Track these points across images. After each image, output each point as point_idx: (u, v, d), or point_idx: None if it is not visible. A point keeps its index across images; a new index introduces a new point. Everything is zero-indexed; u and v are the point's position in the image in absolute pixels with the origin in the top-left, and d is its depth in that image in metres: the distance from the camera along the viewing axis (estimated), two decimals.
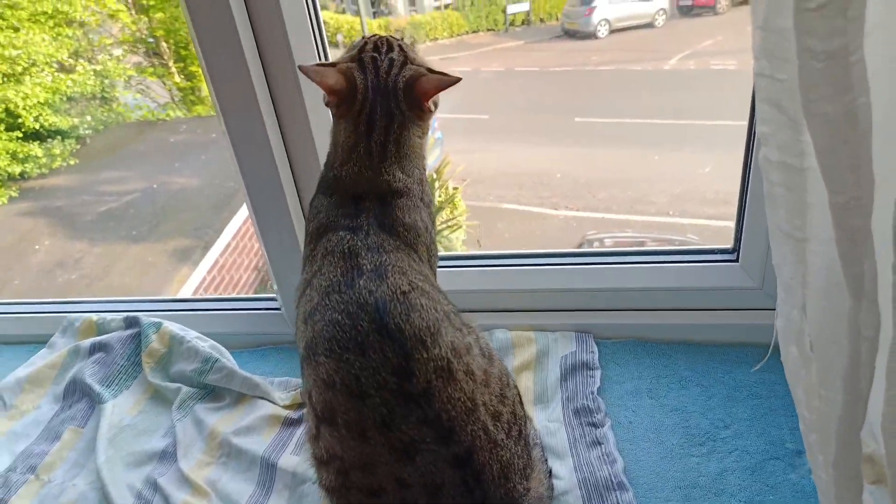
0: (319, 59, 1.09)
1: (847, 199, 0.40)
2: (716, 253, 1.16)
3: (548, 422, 1.02)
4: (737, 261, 1.13)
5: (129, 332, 1.25)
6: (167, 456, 1.03)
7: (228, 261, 4.88)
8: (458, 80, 0.79)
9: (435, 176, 5.71)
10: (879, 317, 0.41)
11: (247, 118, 1.07)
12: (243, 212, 5.06)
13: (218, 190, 5.32)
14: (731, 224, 1.16)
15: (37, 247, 4.85)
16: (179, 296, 4.12)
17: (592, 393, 1.05)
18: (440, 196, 5.68)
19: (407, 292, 0.72)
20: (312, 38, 1.06)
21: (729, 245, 1.16)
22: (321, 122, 1.10)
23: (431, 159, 6.29)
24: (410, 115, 0.83)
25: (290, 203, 1.14)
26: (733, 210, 1.12)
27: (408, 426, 0.68)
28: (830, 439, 0.48)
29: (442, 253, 0.99)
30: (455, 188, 6.11)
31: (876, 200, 0.41)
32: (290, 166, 1.14)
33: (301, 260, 0.88)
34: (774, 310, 1.10)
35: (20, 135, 5.59)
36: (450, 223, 5.22)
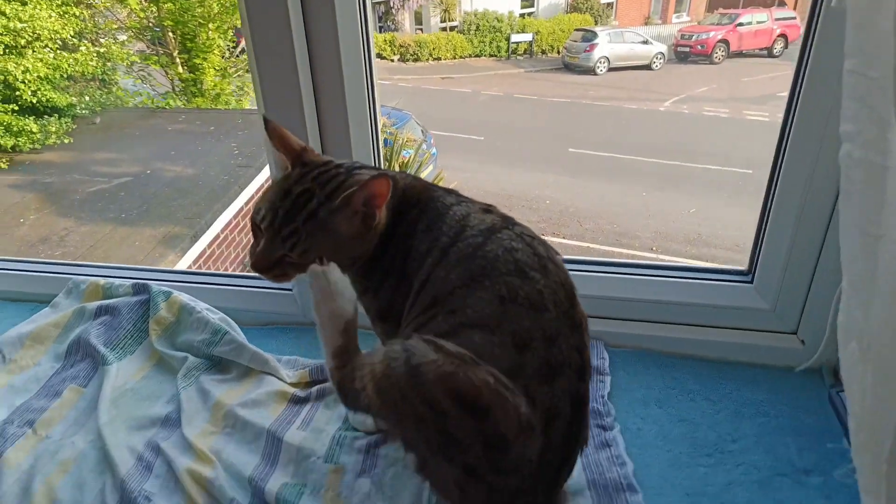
0: (365, 63, 1.11)
1: None
2: (731, 273, 1.18)
3: None
4: (751, 282, 1.15)
5: (137, 298, 1.23)
6: (170, 422, 1.01)
7: (216, 252, 4.83)
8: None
9: None
10: None
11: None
12: (236, 204, 5.02)
13: (212, 181, 5.28)
14: (714, 266, 1.19)
15: (22, 220, 4.75)
16: (190, 268, 4.06)
17: (603, 397, 1.06)
18: None
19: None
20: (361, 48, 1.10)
21: (744, 267, 1.18)
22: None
23: (425, 174, 6.33)
24: None
25: None
26: (716, 252, 1.18)
27: (567, 347, 0.71)
28: (884, 436, 0.49)
29: None
30: None
31: None
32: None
33: None
34: (785, 333, 1.13)
35: (16, 108, 5.51)
36: None
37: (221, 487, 0.88)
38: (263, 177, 5.27)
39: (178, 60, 7.45)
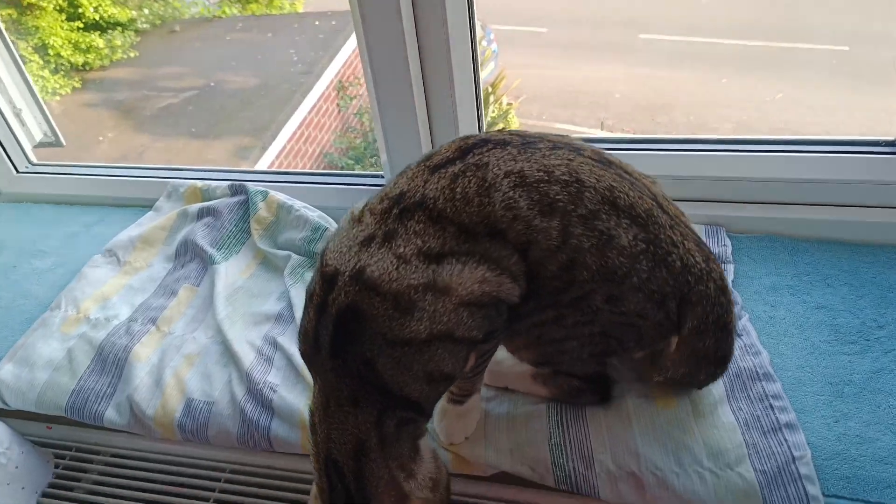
0: None
1: None
2: (876, 144, 1.04)
3: None
4: None
5: (235, 198, 1.22)
6: (283, 318, 1.02)
7: (284, 163, 4.87)
8: None
9: (490, 90, 5.51)
10: None
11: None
12: (300, 113, 4.99)
13: (274, 90, 5.23)
14: (854, 138, 1.05)
15: (101, 138, 4.90)
16: (282, 168, 4.08)
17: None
18: (493, 111, 5.48)
19: None
20: None
21: (891, 137, 1.04)
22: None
23: (485, 73, 6.04)
24: None
25: (413, 76, 1.06)
26: None
27: (684, 251, 0.71)
28: None
29: None
30: (509, 104, 5.86)
31: None
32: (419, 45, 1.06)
33: None
34: None
35: (81, 25, 5.54)
36: None
37: None
38: (324, 84, 5.18)
39: None
